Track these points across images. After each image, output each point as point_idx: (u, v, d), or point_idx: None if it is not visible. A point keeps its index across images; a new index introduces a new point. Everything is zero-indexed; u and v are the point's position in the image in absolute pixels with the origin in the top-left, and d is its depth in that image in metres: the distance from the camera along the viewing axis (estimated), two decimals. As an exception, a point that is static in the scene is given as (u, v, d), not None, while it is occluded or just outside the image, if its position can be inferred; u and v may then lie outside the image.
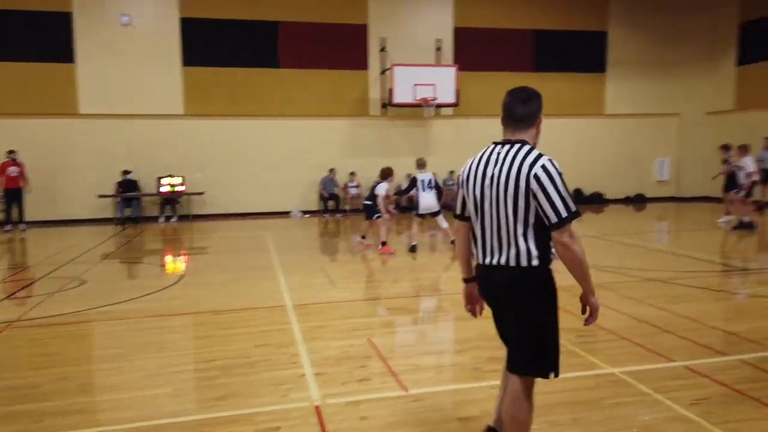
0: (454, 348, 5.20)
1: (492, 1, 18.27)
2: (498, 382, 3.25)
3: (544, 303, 2.73)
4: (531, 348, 2.72)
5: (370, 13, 17.56)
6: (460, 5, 18.10)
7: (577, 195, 19.27)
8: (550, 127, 15.06)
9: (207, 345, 5.29)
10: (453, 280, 7.97)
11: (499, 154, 2.70)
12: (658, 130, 19.88)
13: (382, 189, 10.47)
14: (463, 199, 2.86)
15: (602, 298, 6.65)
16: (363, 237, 10.97)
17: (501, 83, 18.94)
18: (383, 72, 17.69)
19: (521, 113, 2.75)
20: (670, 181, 20.12)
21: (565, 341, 5.03)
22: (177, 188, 16.17)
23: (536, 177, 2.54)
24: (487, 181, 2.68)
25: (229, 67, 16.73)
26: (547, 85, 18.87)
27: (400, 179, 18.06)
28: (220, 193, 16.99)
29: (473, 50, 18.21)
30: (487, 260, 2.75)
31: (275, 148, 17.32)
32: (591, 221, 14.47)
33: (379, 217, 10.44)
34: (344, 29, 17.41)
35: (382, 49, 17.66)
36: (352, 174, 17.52)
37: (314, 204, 17.66)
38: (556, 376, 2.76)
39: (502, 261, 2.68)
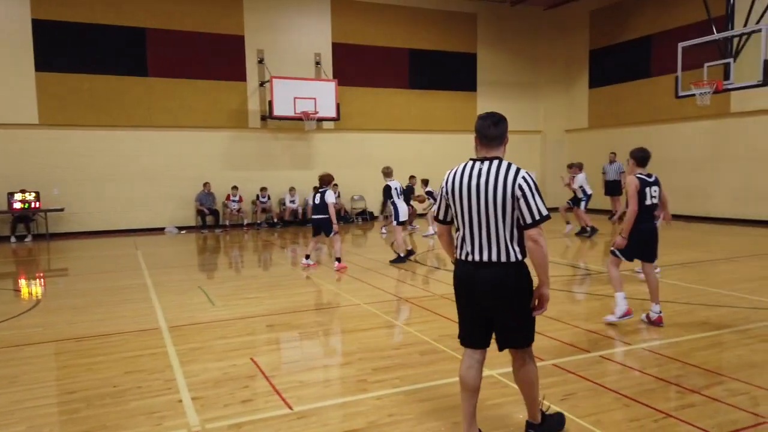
0: (338, 361, 5.16)
1: (368, 19, 18.71)
2: (385, 392, 3.26)
3: (527, 290, 3.20)
4: (522, 327, 3.24)
5: (246, 25, 17.24)
6: (337, 21, 18.34)
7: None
8: (427, 142, 15.74)
9: (68, 375, 4.80)
10: (335, 294, 7.95)
11: (480, 169, 3.17)
12: (524, 146, 21.39)
13: (332, 197, 9.44)
14: (446, 205, 3.31)
15: (479, 304, 6.89)
16: (308, 257, 9.96)
17: (379, 99, 19.61)
18: (262, 84, 17.42)
19: (494, 134, 3.21)
20: (535, 193, 21.72)
21: (444, 347, 5.21)
22: (31, 204, 14.69)
23: (520, 186, 3.06)
24: (474, 191, 3.14)
25: (90, 74, 15.58)
26: (422, 102, 19.76)
27: (284, 192, 17.84)
28: (82, 210, 15.70)
29: (352, 66, 18.51)
30: (476, 258, 3.17)
31: (145, 160, 16.37)
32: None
33: (337, 233, 9.50)
34: (219, 39, 16.92)
35: (260, 61, 17.40)
36: (235, 188, 16.97)
37: (192, 219, 16.88)
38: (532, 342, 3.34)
39: (494, 258, 3.13)
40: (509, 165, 3.14)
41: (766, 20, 13.23)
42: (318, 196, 9.57)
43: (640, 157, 5.90)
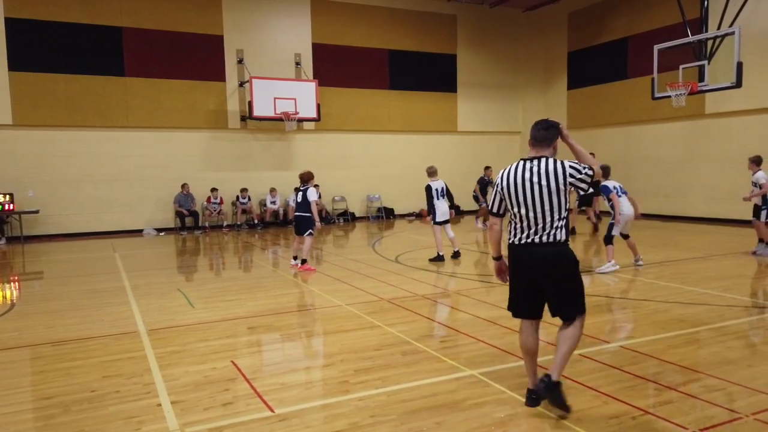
0: (320, 363, 5.14)
1: (348, 20, 18.70)
2: (367, 393, 3.27)
3: (575, 264, 3.78)
4: (574, 298, 3.77)
5: (225, 24, 17.11)
6: (317, 22, 18.29)
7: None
8: (407, 143, 15.75)
9: (45, 380, 4.72)
10: (317, 295, 7.92)
11: (532, 167, 3.72)
12: (503, 146, 21.58)
13: (313, 194, 9.63)
14: (500, 200, 3.85)
15: (460, 304, 6.97)
16: (295, 258, 10.01)
17: (360, 100, 19.60)
18: (241, 84, 17.30)
19: (543, 136, 3.79)
20: (515, 193, 21.90)
21: (426, 347, 5.23)
22: (5, 206, 14.41)
23: (571, 174, 3.66)
24: (528, 185, 3.68)
25: (66, 73, 15.32)
26: (402, 103, 19.79)
27: (264, 193, 17.73)
28: (58, 212, 15.45)
29: (332, 66, 18.48)
30: (530, 240, 3.72)
31: (122, 161, 16.15)
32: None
33: (311, 233, 9.65)
34: (198, 39, 16.77)
35: (240, 61, 17.28)
36: (214, 190, 16.81)
37: (170, 221, 16.69)
38: (584, 313, 3.84)
39: (545, 239, 3.68)
40: (555, 160, 3.70)
41: (739, 23, 13.51)
42: (300, 194, 9.70)
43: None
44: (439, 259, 10.17)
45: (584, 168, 3.69)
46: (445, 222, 10.35)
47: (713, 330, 5.71)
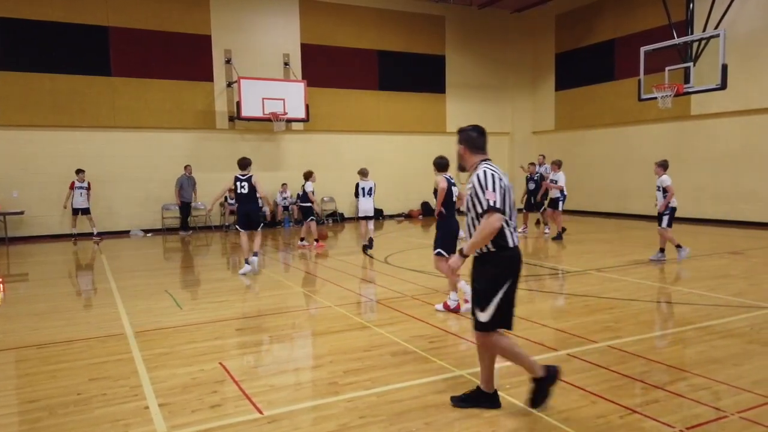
0: (309, 364, 5.13)
1: (337, 20, 18.68)
2: (357, 394, 3.25)
3: None
4: None
5: (213, 24, 17.02)
6: (306, 22, 18.26)
7: (425, 208, 20.25)
8: (396, 143, 15.73)
9: (29, 383, 4.66)
10: (306, 296, 7.90)
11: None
12: (493, 147, 21.55)
13: (309, 186, 12.04)
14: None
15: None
16: (302, 239, 12.33)
17: (349, 100, 19.55)
18: (229, 84, 17.22)
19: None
20: (503, 194, 21.97)
21: (415, 348, 5.23)
22: (-10, 208, 14.25)
23: None
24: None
25: (51, 73, 15.15)
26: (391, 103, 19.81)
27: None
28: (43, 213, 15.28)
29: (321, 67, 18.45)
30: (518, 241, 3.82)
31: (109, 162, 16.01)
32: (436, 232, 15.21)
33: (312, 219, 12.14)
34: (185, 39, 16.66)
35: (228, 61, 17.20)
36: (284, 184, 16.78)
37: (158, 222, 16.57)
38: None
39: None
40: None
41: (724, 25, 13.67)
42: (301, 189, 12.36)
43: (439, 163, 6.91)
44: (366, 248, 11.58)
45: None
46: (367, 218, 11.66)
47: (699, 329, 5.76)
